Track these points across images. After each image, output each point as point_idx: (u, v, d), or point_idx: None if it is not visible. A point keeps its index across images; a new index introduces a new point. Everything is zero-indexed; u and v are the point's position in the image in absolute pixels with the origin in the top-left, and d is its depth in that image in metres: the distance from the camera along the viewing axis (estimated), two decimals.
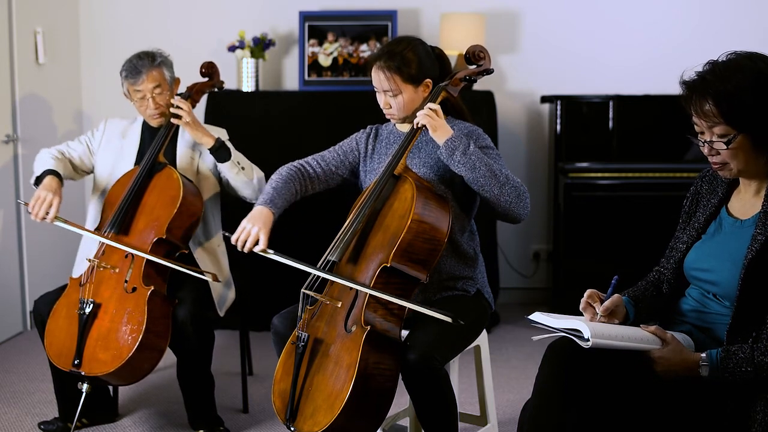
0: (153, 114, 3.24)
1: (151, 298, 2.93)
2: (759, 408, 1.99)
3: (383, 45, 2.75)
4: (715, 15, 4.91)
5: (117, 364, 2.86)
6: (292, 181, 2.73)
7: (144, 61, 3.21)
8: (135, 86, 3.21)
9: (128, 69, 3.22)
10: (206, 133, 3.19)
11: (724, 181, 2.23)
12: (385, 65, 2.63)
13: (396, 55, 2.63)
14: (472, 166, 2.50)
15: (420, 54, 2.66)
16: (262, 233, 2.57)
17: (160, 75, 3.22)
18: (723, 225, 2.18)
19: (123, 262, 3.02)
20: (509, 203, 2.54)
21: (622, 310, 2.21)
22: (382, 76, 2.64)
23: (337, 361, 2.38)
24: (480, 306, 2.73)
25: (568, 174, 4.54)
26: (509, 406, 3.49)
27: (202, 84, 3.39)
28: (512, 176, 2.56)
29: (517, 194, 2.54)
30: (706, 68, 2.05)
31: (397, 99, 2.65)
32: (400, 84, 2.64)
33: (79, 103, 5.15)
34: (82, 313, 2.94)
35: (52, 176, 3.13)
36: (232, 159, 3.16)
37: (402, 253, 2.43)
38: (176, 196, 3.06)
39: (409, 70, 2.63)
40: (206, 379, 3.14)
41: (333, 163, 2.81)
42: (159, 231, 3.03)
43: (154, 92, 3.21)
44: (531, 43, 5.03)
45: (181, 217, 3.07)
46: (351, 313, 2.44)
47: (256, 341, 4.10)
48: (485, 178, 2.50)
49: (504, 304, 4.94)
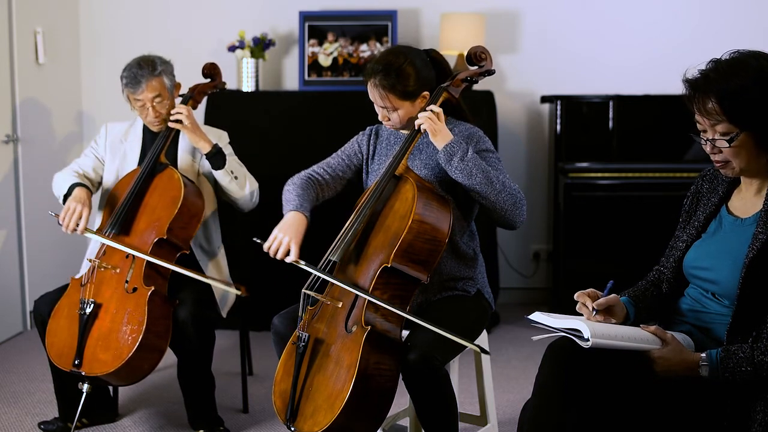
0: (153, 122, 3.25)
1: (152, 299, 2.93)
2: (759, 408, 1.98)
3: (378, 56, 2.68)
4: (715, 15, 4.91)
5: (117, 364, 2.86)
6: (309, 187, 2.72)
7: (144, 70, 3.18)
8: (135, 95, 3.20)
9: (128, 77, 3.20)
10: (204, 137, 3.19)
11: (725, 180, 2.23)
12: (380, 84, 2.61)
13: (392, 72, 2.60)
14: (469, 172, 2.50)
15: (417, 67, 2.63)
16: (293, 243, 2.56)
17: (161, 84, 3.21)
18: (723, 224, 2.18)
19: (124, 262, 3.02)
20: (505, 211, 2.54)
21: (621, 310, 2.20)
22: (377, 93, 2.63)
23: (338, 361, 2.39)
24: (480, 306, 2.73)
25: (568, 174, 4.54)
26: (509, 406, 3.49)
27: (204, 85, 3.39)
28: (509, 183, 2.55)
29: (513, 202, 2.54)
30: (709, 66, 2.05)
31: (393, 114, 2.66)
32: (395, 102, 2.63)
33: (79, 104, 5.15)
34: (83, 313, 2.94)
35: (80, 188, 3.14)
36: (225, 168, 3.16)
37: (403, 254, 2.43)
38: (177, 197, 3.06)
39: (405, 87, 2.61)
40: (207, 380, 3.14)
41: (339, 168, 2.81)
42: (160, 231, 3.03)
43: (154, 102, 3.21)
44: (531, 43, 5.03)
45: (182, 218, 3.07)
46: (351, 313, 2.45)
47: (256, 341, 4.10)
48: (482, 185, 2.50)
49: (504, 304, 4.94)
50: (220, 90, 3.47)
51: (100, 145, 3.36)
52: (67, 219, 3.04)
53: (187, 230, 3.12)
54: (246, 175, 3.24)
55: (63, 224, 3.05)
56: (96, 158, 3.34)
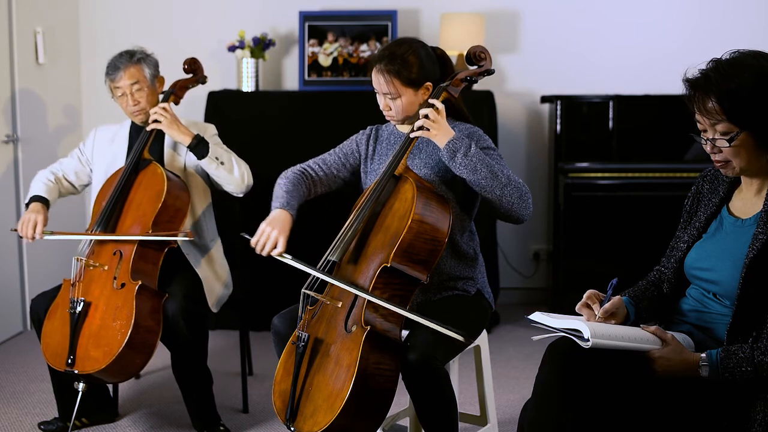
0: (133, 111, 3.26)
1: (140, 293, 2.95)
2: (759, 408, 1.99)
3: (384, 46, 2.72)
4: (716, 15, 4.91)
5: (107, 360, 2.88)
6: (300, 183, 2.74)
7: (123, 58, 3.25)
8: (114, 83, 3.24)
9: (108, 66, 3.27)
10: (184, 130, 3.18)
11: (726, 181, 2.23)
12: (385, 68, 2.62)
13: (397, 58, 2.62)
14: (474, 168, 2.49)
15: (421, 57, 2.65)
16: (281, 237, 2.58)
17: (139, 72, 3.24)
18: (724, 224, 2.18)
19: (111, 259, 3.04)
20: (511, 204, 2.52)
21: (622, 311, 2.21)
22: (381, 79, 2.64)
23: (338, 361, 2.38)
24: (480, 306, 2.73)
25: (568, 174, 4.54)
26: (509, 406, 3.49)
27: (185, 80, 3.40)
28: (514, 177, 2.55)
29: (519, 195, 2.53)
30: (709, 66, 2.05)
31: (396, 102, 2.65)
32: (399, 88, 2.63)
33: (79, 103, 5.15)
34: (73, 312, 2.97)
35: (35, 202, 3.23)
36: (209, 155, 3.16)
37: (402, 254, 2.43)
38: (161, 191, 3.08)
39: (410, 74, 2.62)
40: (203, 375, 3.14)
41: (334, 166, 2.82)
42: (145, 226, 3.05)
43: (132, 89, 3.23)
44: (531, 43, 5.03)
45: (166, 212, 3.09)
46: (351, 313, 2.44)
47: (256, 341, 4.11)
48: (487, 179, 2.49)
49: (504, 304, 4.94)
50: (202, 83, 3.47)
51: (87, 148, 3.40)
52: (24, 229, 3.16)
53: (173, 224, 3.13)
54: (233, 159, 3.22)
55: (22, 234, 3.17)
56: (80, 162, 3.39)
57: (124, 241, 3.04)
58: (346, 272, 2.53)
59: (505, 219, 2.59)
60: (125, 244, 3.04)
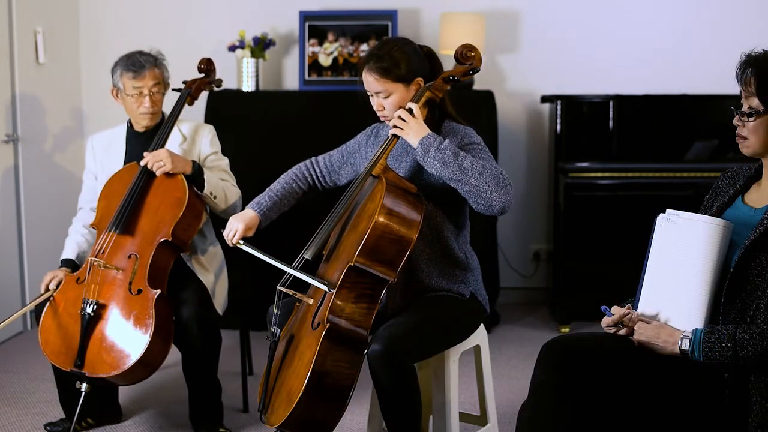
0: (145, 112, 3.22)
1: (158, 301, 2.92)
2: (755, 399, 2.00)
3: (371, 48, 2.75)
4: (715, 15, 4.91)
5: (122, 366, 2.86)
6: (297, 181, 2.86)
7: (147, 57, 3.23)
8: (136, 81, 3.19)
9: (129, 63, 3.20)
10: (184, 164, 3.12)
11: (745, 175, 2.28)
12: (373, 67, 2.63)
13: (384, 56, 2.63)
14: (444, 161, 2.48)
15: (408, 53, 2.66)
16: (240, 228, 2.75)
17: (161, 74, 3.25)
18: (737, 214, 2.22)
19: (127, 262, 3.00)
20: (490, 192, 2.46)
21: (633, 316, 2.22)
22: (371, 78, 2.65)
23: (300, 356, 2.44)
24: (469, 308, 2.71)
25: (568, 174, 4.54)
26: (509, 406, 3.48)
27: (202, 81, 3.40)
28: (492, 167, 2.50)
29: (497, 182, 2.47)
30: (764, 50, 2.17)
31: (388, 100, 2.66)
32: (389, 85, 2.64)
33: (79, 103, 5.15)
34: (84, 314, 2.92)
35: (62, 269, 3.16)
36: (204, 191, 3.12)
37: (367, 254, 2.42)
38: (182, 198, 3.06)
39: (398, 70, 2.63)
40: (212, 382, 3.14)
41: (337, 163, 2.86)
42: (166, 232, 3.02)
43: (152, 89, 3.21)
44: (531, 43, 5.03)
45: (186, 219, 3.07)
46: (318, 310, 2.48)
47: (256, 341, 4.10)
48: (461, 169, 2.47)
49: (504, 304, 4.94)
50: (218, 86, 3.46)
51: (91, 164, 3.35)
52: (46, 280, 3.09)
53: (189, 232, 3.11)
54: (225, 190, 3.19)
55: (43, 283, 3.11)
56: (95, 179, 3.33)
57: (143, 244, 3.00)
58: (320, 270, 2.60)
59: (485, 210, 2.51)
60: (144, 248, 3.00)
